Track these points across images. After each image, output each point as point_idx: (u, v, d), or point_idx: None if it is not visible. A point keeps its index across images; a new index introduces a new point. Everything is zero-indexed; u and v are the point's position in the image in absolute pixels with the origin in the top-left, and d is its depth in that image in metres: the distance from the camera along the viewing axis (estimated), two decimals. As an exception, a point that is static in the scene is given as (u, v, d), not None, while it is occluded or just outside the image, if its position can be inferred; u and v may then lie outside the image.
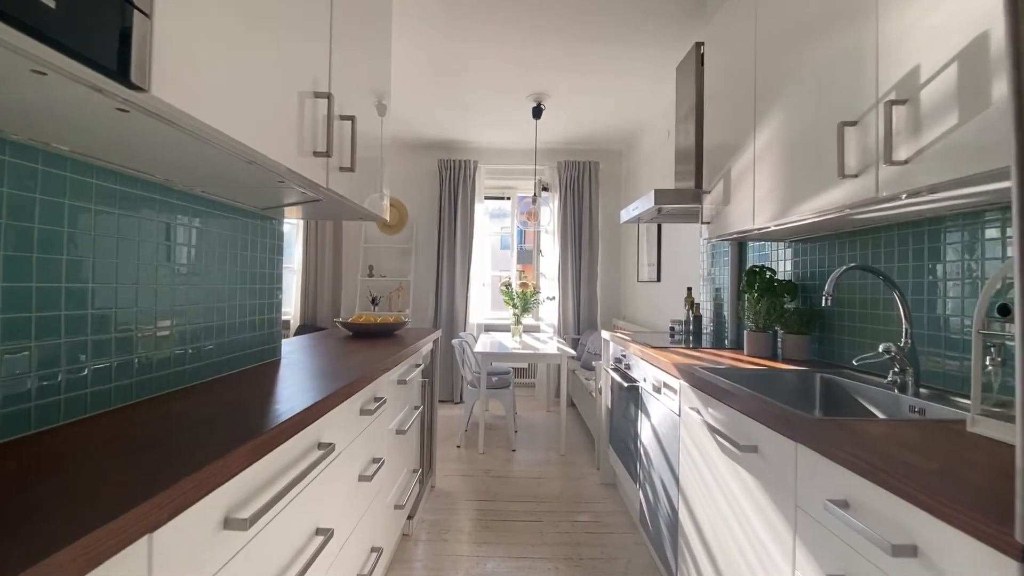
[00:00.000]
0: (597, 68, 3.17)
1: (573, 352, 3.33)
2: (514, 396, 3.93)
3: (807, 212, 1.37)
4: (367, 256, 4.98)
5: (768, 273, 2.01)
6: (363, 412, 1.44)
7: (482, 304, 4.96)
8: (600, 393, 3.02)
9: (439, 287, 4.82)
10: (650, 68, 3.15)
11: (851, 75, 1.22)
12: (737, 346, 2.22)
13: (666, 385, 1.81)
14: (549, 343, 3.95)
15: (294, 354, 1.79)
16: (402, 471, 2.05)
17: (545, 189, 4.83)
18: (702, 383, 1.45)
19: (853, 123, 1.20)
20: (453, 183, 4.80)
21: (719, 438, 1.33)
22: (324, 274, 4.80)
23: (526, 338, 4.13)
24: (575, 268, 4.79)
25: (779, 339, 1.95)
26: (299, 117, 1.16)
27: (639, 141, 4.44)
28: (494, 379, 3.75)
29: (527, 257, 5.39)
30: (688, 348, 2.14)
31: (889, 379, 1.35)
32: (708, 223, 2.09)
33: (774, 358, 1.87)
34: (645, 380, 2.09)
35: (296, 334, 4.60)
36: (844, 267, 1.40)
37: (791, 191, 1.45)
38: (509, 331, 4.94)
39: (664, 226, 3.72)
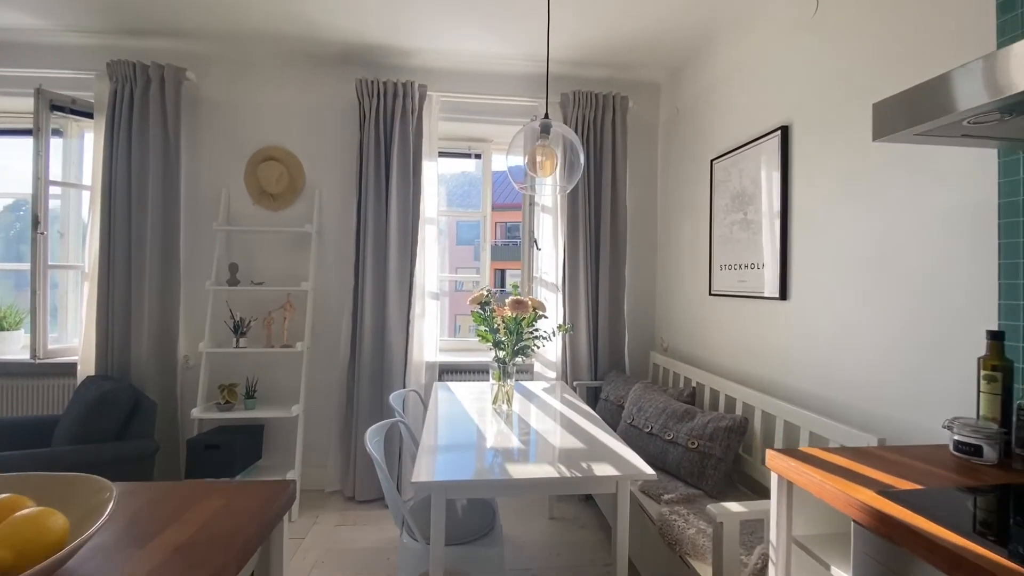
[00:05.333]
0: None
1: (649, 471, 1.44)
2: (502, 545, 1.97)
3: None
4: (230, 247, 2.85)
5: None
6: None
7: (434, 328, 2.96)
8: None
9: (359, 301, 2.78)
10: None
11: None
12: None
13: None
14: (551, 407, 2.04)
15: None
16: None
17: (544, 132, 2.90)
18: None
19: None
20: (384, 123, 2.77)
21: None
22: (144, 279, 2.63)
23: (519, 402, 2.19)
24: (590, 272, 2.89)
25: None
26: None
27: (708, 57, 2.60)
28: (459, 508, 1.79)
29: (511, 254, 3.46)
30: None
31: None
32: None
33: None
34: None
35: (79, 391, 2.41)
36: None
37: None
38: (480, 376, 2.98)
39: (799, 187, 1.89)
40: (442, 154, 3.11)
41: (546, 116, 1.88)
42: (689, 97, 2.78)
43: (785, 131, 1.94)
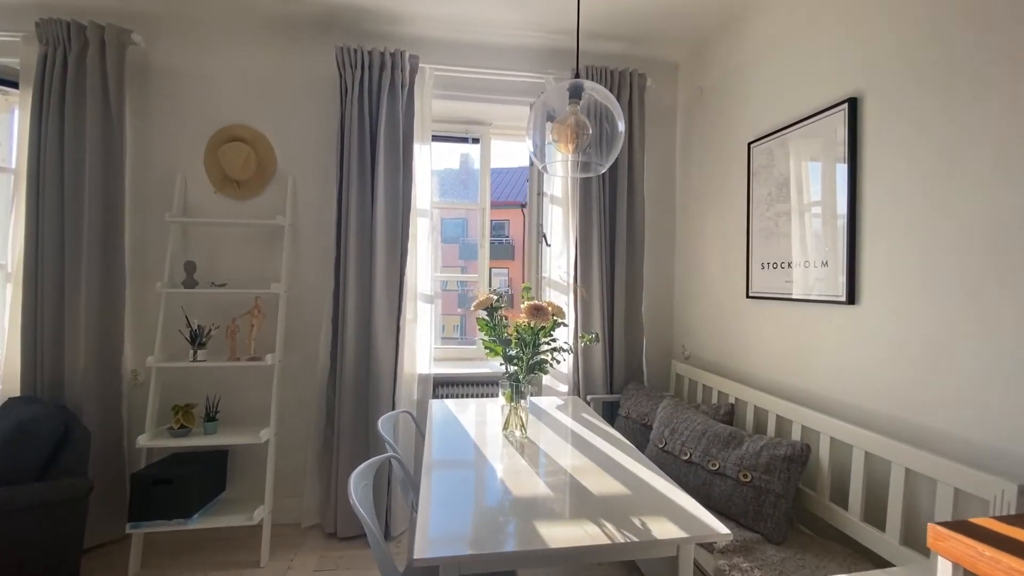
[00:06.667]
0: None
1: (724, 530, 1.12)
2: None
3: None
4: (187, 243, 2.44)
5: None
6: None
7: (428, 336, 2.58)
8: None
9: (340, 306, 2.39)
10: None
11: None
12: None
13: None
14: (571, 432, 1.71)
15: None
16: None
17: (550, 119, 2.56)
18: None
19: None
20: (369, 99, 2.39)
21: None
22: (80, 281, 2.20)
23: (532, 425, 1.84)
24: (605, 271, 2.56)
25: None
26: None
27: (743, 25, 2.28)
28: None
29: (494, 252, 3.11)
30: None
31: None
32: None
33: None
34: None
35: (3, 414, 1.97)
36: None
37: None
38: (479, 388, 2.63)
39: (873, 170, 1.59)
40: (435, 138, 2.74)
41: (576, 75, 1.53)
42: (716, 75, 2.46)
43: (854, 104, 1.63)
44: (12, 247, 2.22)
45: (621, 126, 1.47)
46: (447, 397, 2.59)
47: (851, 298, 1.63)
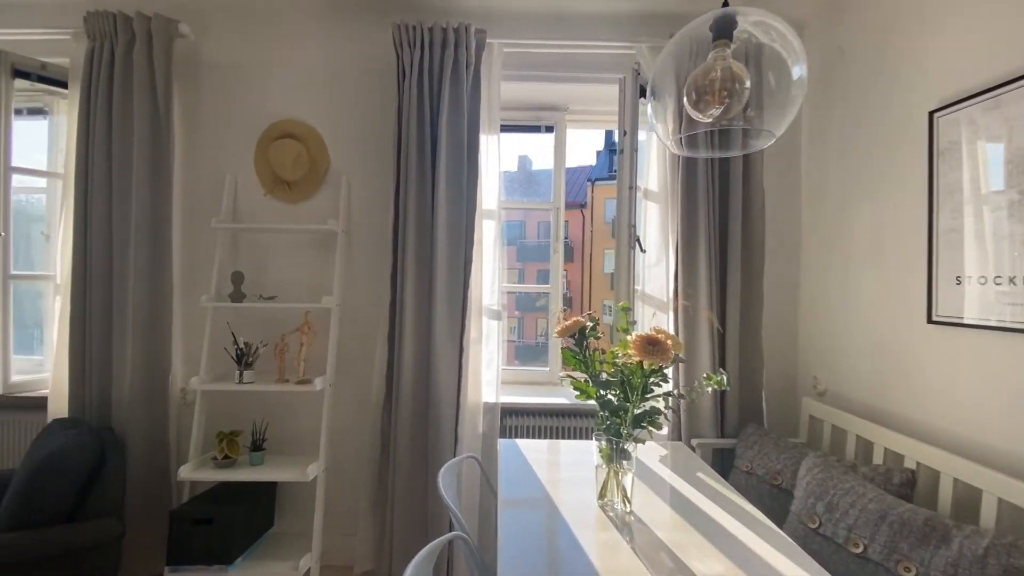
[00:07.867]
0: None
1: None
2: None
3: None
4: (236, 251, 2.23)
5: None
6: None
7: (496, 357, 2.20)
8: None
9: (397, 322, 2.07)
10: None
11: None
12: None
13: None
14: (689, 503, 1.25)
15: None
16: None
17: (643, 94, 2.09)
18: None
19: None
20: (430, 83, 2.05)
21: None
22: (127, 293, 2.03)
23: (635, 490, 1.40)
24: (714, 284, 2.05)
25: None
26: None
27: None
28: None
29: (565, 255, 2.68)
30: None
31: None
32: None
33: None
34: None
35: (37, 442, 1.81)
36: None
37: None
38: (551, 420, 2.22)
39: None
40: (506, 127, 2.37)
41: (725, 3, 1.08)
42: (864, 29, 1.89)
43: None
44: (60, 257, 2.10)
45: (798, 72, 0.99)
46: (515, 428, 2.21)
47: None
